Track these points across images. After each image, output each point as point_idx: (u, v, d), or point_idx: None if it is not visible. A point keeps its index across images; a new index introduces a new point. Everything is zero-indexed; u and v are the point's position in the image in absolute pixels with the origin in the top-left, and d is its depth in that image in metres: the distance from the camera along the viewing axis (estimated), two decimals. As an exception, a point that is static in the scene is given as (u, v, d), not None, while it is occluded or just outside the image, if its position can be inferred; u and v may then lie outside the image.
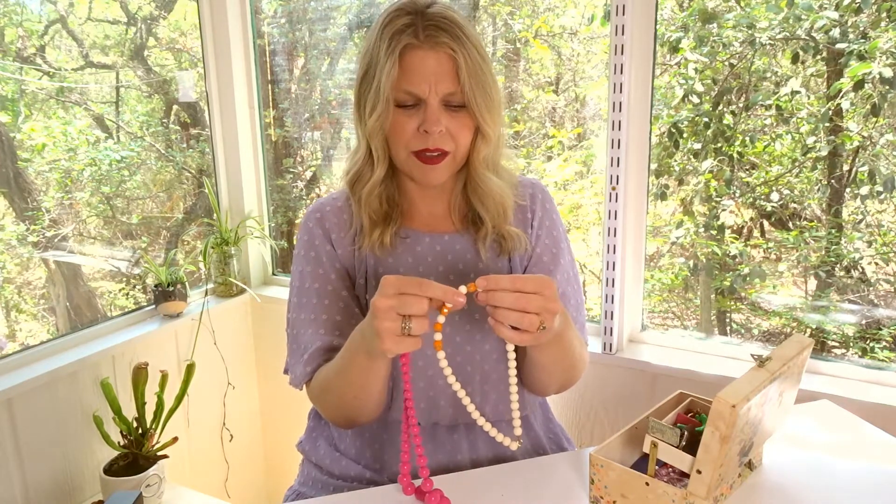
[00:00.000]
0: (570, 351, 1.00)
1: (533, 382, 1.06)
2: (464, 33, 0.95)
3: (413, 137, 0.97)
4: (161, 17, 2.92)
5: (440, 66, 0.94)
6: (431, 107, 0.95)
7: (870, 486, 0.92)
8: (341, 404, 0.99)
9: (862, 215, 2.22)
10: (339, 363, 0.95)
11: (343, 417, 1.02)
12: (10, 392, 1.49)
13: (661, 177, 2.44)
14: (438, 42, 0.94)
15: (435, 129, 0.95)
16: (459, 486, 0.95)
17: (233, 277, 2.03)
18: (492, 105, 0.98)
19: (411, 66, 0.94)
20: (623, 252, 1.55)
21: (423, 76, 0.94)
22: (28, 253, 2.71)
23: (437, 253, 1.06)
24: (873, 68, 1.88)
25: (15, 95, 2.56)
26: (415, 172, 1.00)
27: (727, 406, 0.73)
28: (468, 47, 0.95)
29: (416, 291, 0.79)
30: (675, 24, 2.37)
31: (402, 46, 0.94)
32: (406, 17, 0.95)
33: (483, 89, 0.96)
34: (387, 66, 0.94)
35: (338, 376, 0.95)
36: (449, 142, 0.98)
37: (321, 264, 1.06)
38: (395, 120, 0.97)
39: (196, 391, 1.84)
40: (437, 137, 0.96)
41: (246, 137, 2.06)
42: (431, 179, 1.00)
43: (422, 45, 0.94)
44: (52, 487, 1.59)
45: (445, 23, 0.95)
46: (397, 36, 0.94)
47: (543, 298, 0.82)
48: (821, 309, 2.31)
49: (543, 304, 0.82)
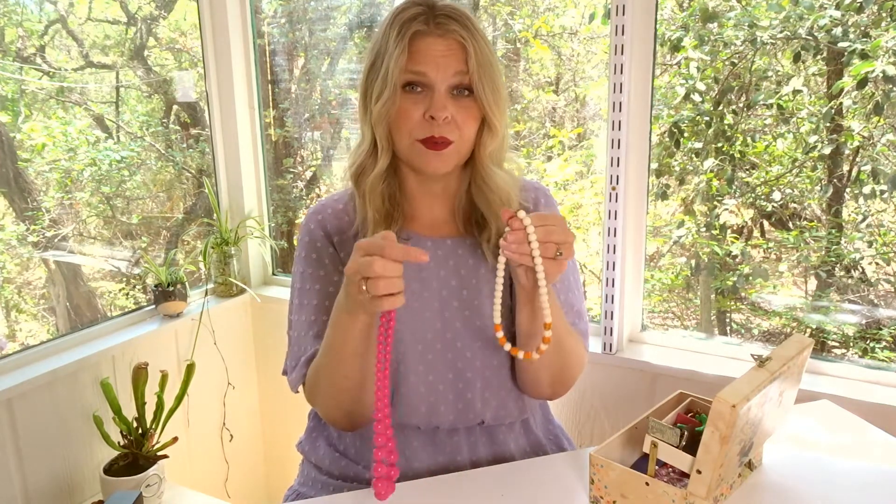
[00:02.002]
0: (562, 346, 0.99)
1: (525, 382, 1.05)
2: (472, 25, 0.97)
3: (418, 125, 0.96)
4: (161, 17, 2.92)
5: (449, 51, 0.95)
6: (438, 92, 0.95)
7: (870, 486, 0.91)
8: (334, 392, 0.97)
9: (863, 216, 2.22)
10: (325, 342, 0.95)
11: (339, 410, 1.00)
12: (10, 392, 1.49)
13: (661, 176, 2.44)
14: (448, 29, 0.95)
15: (441, 115, 0.94)
16: (459, 486, 0.95)
17: (233, 277, 2.03)
18: (499, 98, 0.98)
19: (420, 51, 0.95)
20: (623, 252, 1.55)
21: (432, 60, 0.95)
22: (28, 253, 2.72)
23: (438, 257, 1.05)
24: (876, 66, 1.87)
25: (15, 95, 2.56)
26: (419, 160, 0.99)
27: (727, 406, 0.73)
28: (477, 37, 0.96)
29: (377, 252, 0.79)
30: (675, 23, 2.37)
31: (412, 32, 0.95)
32: (416, 8, 0.96)
33: (491, 79, 0.97)
34: (395, 51, 0.94)
35: (325, 356, 0.95)
36: (454, 131, 0.97)
37: (322, 266, 1.05)
38: (400, 106, 0.96)
39: (196, 391, 1.83)
40: (443, 126, 0.95)
41: (246, 137, 2.06)
42: (436, 167, 0.99)
43: (431, 32, 0.95)
44: (52, 487, 1.59)
45: (456, 13, 0.96)
46: (407, 24, 0.95)
47: (562, 229, 0.85)
48: (821, 309, 2.31)
49: (564, 237, 0.85)
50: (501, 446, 1.07)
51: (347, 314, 0.88)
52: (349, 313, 0.88)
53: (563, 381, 1.06)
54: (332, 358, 0.94)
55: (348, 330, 0.90)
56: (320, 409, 1.04)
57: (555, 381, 1.05)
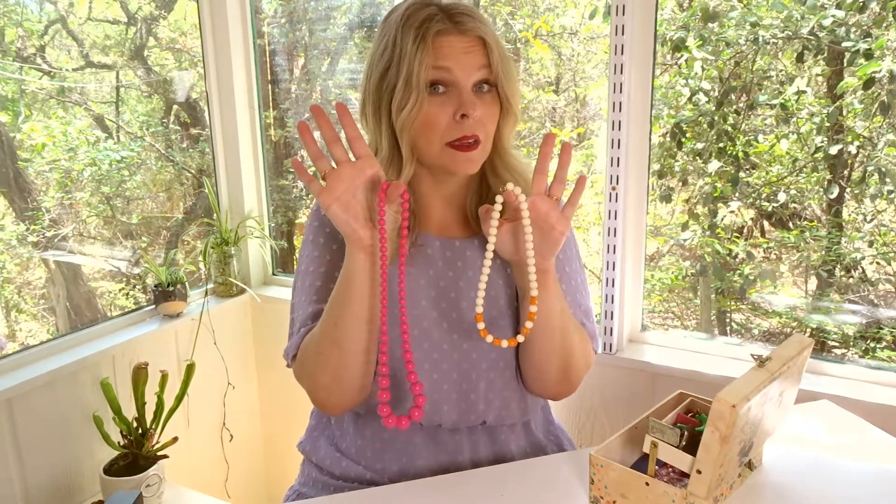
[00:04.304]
0: (567, 341, 0.99)
1: (531, 380, 1.05)
2: (485, 21, 0.98)
3: (448, 127, 0.95)
4: (161, 17, 2.92)
5: (471, 48, 0.95)
6: (465, 90, 0.95)
7: (870, 486, 0.91)
8: (323, 350, 0.95)
9: (863, 215, 2.22)
10: (328, 302, 0.97)
11: (327, 375, 0.96)
12: (10, 392, 1.49)
13: (664, 178, 2.43)
14: (468, 27, 0.95)
15: (474, 114, 0.94)
16: (460, 486, 0.95)
17: (233, 277, 2.03)
18: (515, 87, 1.00)
19: (443, 48, 0.94)
20: (623, 252, 1.55)
21: (455, 57, 0.94)
22: (28, 253, 2.72)
23: (447, 258, 1.05)
24: (882, 66, 1.87)
25: (15, 95, 2.56)
26: (450, 164, 0.98)
27: (727, 406, 0.73)
28: (493, 32, 0.97)
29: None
30: (675, 23, 2.37)
31: (434, 32, 0.94)
32: (429, 9, 0.96)
33: (509, 72, 0.98)
34: (419, 54, 0.93)
35: (327, 312, 0.96)
36: (482, 128, 0.97)
37: (329, 251, 1.05)
38: (427, 111, 0.95)
39: (196, 391, 1.83)
40: (474, 124, 0.95)
41: (246, 137, 2.06)
42: (466, 168, 0.98)
43: (452, 30, 0.95)
44: (52, 487, 1.59)
45: (469, 10, 0.97)
46: (426, 24, 0.94)
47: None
48: (821, 309, 2.31)
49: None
50: (502, 447, 1.07)
51: (346, 259, 0.92)
52: (346, 256, 0.92)
53: (569, 378, 1.04)
54: (333, 313, 0.94)
55: (347, 274, 0.92)
56: (307, 375, 1.00)
57: (560, 380, 1.04)
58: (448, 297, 1.03)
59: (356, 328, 0.93)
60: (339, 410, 1.02)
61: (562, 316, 0.98)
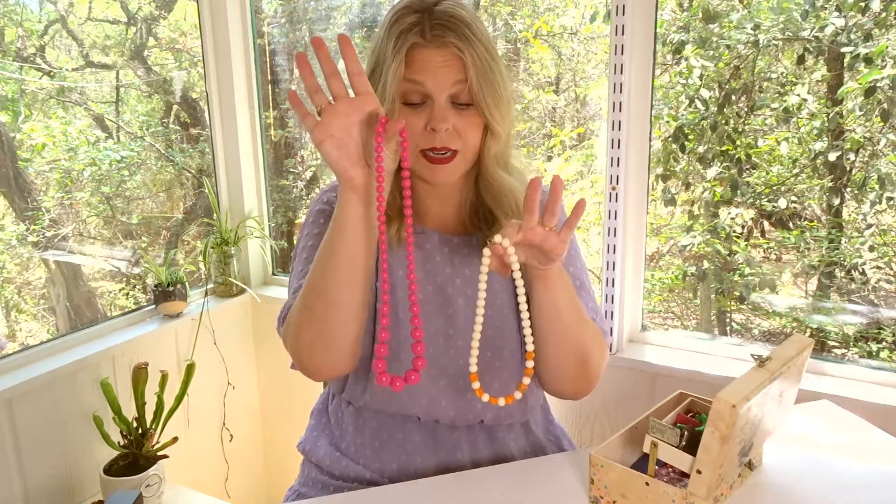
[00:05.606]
0: (579, 328, 0.97)
1: (549, 379, 1.03)
2: (471, 31, 0.95)
3: (421, 136, 0.96)
4: (161, 17, 2.92)
5: (446, 64, 0.94)
6: (438, 104, 0.94)
7: (870, 486, 0.91)
8: (308, 302, 0.93)
9: (863, 215, 2.22)
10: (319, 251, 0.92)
11: (311, 331, 0.94)
12: (10, 392, 1.49)
13: (668, 181, 2.43)
14: (445, 41, 0.94)
15: (441, 127, 0.94)
16: (459, 486, 0.95)
17: (233, 277, 2.02)
18: (500, 102, 0.97)
19: (417, 64, 0.94)
20: (623, 252, 1.55)
21: (430, 71, 0.94)
22: (28, 253, 2.72)
23: (445, 254, 1.05)
24: (884, 74, 1.87)
25: (15, 95, 2.56)
26: (424, 173, 0.99)
27: (727, 406, 0.73)
28: (476, 45, 0.94)
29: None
30: (675, 24, 2.36)
31: (409, 45, 0.94)
32: (413, 16, 0.95)
33: (492, 87, 0.95)
34: (393, 65, 0.93)
35: (318, 258, 0.92)
36: (457, 140, 0.96)
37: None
38: (402, 118, 0.95)
39: (196, 391, 1.83)
40: (445, 136, 0.95)
41: (246, 137, 2.06)
42: (441, 179, 0.98)
43: (428, 45, 0.94)
44: (52, 487, 1.59)
45: (452, 21, 0.94)
46: (404, 35, 0.94)
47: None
48: (821, 309, 2.31)
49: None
50: (501, 446, 1.07)
51: (339, 206, 0.88)
52: (338, 199, 0.88)
53: (588, 373, 1.02)
54: (321, 262, 0.91)
55: (338, 217, 0.88)
56: (291, 333, 0.98)
57: (579, 374, 1.01)
58: (444, 292, 1.03)
59: (346, 278, 0.89)
60: (324, 374, 0.99)
61: (571, 308, 0.97)
